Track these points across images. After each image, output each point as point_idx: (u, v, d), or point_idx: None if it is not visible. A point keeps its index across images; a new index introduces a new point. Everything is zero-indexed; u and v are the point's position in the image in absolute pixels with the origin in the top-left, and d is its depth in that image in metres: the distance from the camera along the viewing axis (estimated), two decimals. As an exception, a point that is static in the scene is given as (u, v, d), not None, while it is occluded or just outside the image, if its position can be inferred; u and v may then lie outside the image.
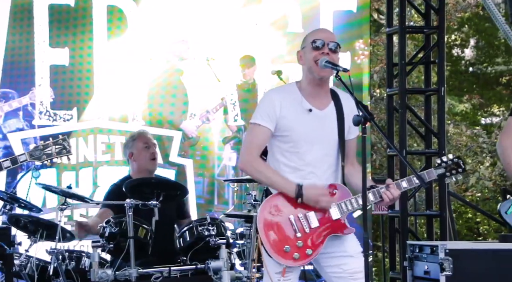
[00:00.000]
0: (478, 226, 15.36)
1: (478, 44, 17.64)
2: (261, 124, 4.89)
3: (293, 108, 4.88)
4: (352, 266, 4.87)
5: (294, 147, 4.88)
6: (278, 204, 4.84)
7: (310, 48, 4.90)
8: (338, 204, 4.86)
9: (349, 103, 4.94)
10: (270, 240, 4.79)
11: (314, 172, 4.88)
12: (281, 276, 4.79)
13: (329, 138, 4.91)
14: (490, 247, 7.35)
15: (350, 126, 4.94)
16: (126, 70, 8.76)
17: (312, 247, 4.81)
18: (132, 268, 6.30)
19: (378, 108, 13.44)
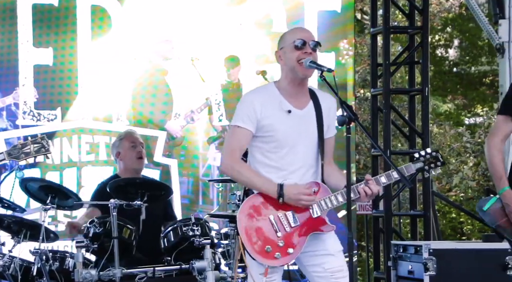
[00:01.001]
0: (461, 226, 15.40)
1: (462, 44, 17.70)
2: (241, 126, 4.88)
3: (274, 109, 4.88)
4: (333, 265, 4.88)
5: (276, 147, 4.88)
6: (258, 204, 4.84)
7: (291, 48, 4.89)
8: (318, 202, 4.86)
9: (327, 102, 4.97)
10: (251, 240, 4.79)
11: (295, 172, 4.88)
12: (264, 276, 4.79)
13: (309, 137, 4.91)
14: (473, 247, 7.39)
15: (328, 125, 4.96)
16: (110, 70, 8.74)
17: (294, 246, 4.82)
18: (116, 268, 6.29)
19: (361, 108, 13.46)
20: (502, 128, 5.06)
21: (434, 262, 7.04)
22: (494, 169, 5.03)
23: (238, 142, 4.90)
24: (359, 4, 14.22)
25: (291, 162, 4.88)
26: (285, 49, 4.92)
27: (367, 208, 9.05)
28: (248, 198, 4.88)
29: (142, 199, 6.44)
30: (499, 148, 5.03)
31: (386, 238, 8.49)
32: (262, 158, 4.91)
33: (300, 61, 4.85)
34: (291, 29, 5.21)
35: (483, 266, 7.03)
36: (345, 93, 9.08)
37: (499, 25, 8.27)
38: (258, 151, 4.92)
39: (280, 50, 4.96)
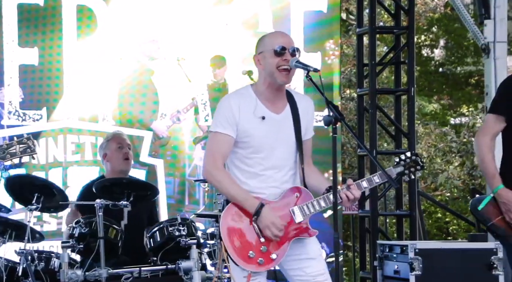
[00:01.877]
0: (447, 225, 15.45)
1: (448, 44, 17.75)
2: (222, 132, 4.85)
3: (249, 114, 4.86)
4: (314, 269, 4.88)
5: (254, 152, 4.86)
6: (240, 210, 4.83)
7: (270, 53, 4.85)
8: (300, 207, 4.85)
9: (304, 104, 4.95)
10: (234, 246, 4.78)
11: (274, 176, 4.87)
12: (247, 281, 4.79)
13: (287, 141, 4.90)
14: (459, 246, 7.42)
15: (306, 128, 4.95)
16: (96, 70, 8.72)
17: (277, 251, 4.81)
18: (102, 268, 6.28)
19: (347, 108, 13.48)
20: (492, 127, 5.05)
21: (420, 262, 7.07)
22: (486, 168, 5.02)
23: (220, 148, 4.86)
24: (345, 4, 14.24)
25: (269, 167, 4.86)
26: (264, 54, 4.89)
27: (353, 208, 9.07)
28: (231, 204, 4.86)
29: (128, 199, 6.44)
30: (489, 146, 5.02)
31: (372, 238, 8.50)
32: (239, 163, 4.89)
33: (280, 68, 4.83)
34: (270, 33, 5.14)
35: (468, 265, 7.06)
36: (331, 93, 9.08)
37: (484, 26, 8.30)
38: (236, 156, 4.89)
39: (259, 54, 4.91)
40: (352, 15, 14.97)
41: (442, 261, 7.12)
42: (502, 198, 4.96)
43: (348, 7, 14.95)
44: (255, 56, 4.95)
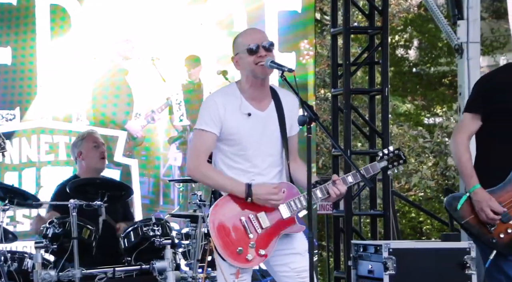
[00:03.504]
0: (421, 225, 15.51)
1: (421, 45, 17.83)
2: (206, 129, 4.86)
3: (235, 112, 4.87)
4: (299, 265, 4.89)
5: (240, 149, 4.88)
6: (229, 206, 4.84)
7: (245, 53, 4.86)
8: (287, 203, 4.87)
9: (289, 100, 4.97)
10: (223, 242, 4.79)
11: (261, 173, 4.88)
12: (236, 277, 4.79)
13: (272, 138, 4.91)
14: (432, 246, 7.45)
15: (291, 124, 4.96)
16: (69, 69, 8.68)
17: (265, 247, 4.82)
18: (76, 268, 6.26)
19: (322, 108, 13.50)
20: (469, 126, 5.05)
21: (394, 262, 7.09)
22: (463, 167, 5.03)
23: (203, 145, 4.88)
24: (319, 4, 14.27)
25: (256, 164, 4.88)
26: (240, 54, 4.90)
27: (328, 208, 9.09)
28: (219, 200, 4.87)
29: (102, 199, 6.42)
30: (466, 146, 5.02)
31: (347, 238, 8.52)
32: (227, 161, 4.90)
33: (259, 64, 4.83)
34: (242, 32, 5.09)
35: (442, 265, 7.09)
36: (306, 93, 9.10)
37: (457, 26, 8.34)
38: (223, 153, 4.91)
39: (236, 56, 4.93)
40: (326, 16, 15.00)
41: (416, 260, 7.15)
42: (477, 197, 4.96)
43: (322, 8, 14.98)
44: (233, 58, 4.96)
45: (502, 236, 4.94)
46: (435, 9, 8.67)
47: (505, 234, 4.93)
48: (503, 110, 4.96)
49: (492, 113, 4.98)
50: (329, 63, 11.49)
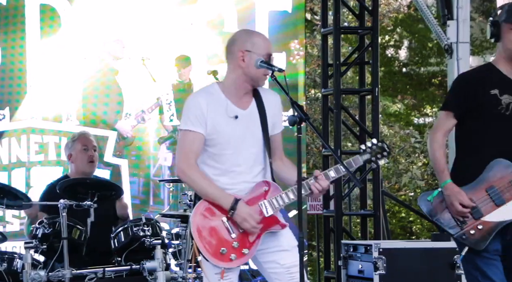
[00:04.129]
0: (411, 225, 15.53)
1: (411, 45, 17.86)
2: (192, 130, 4.85)
3: (218, 111, 4.85)
4: (287, 261, 4.89)
5: (222, 149, 4.87)
6: (211, 207, 4.83)
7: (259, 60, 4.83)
8: (269, 200, 4.87)
9: (270, 99, 4.97)
10: (206, 243, 4.78)
11: (243, 172, 4.88)
12: (221, 277, 4.79)
13: (254, 137, 4.91)
14: (422, 246, 7.47)
15: (274, 122, 4.96)
16: (59, 69, 8.67)
17: (248, 246, 4.82)
18: (66, 269, 6.25)
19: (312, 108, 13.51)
20: (444, 123, 5.11)
21: (384, 261, 7.10)
22: (436, 163, 5.07)
23: (191, 146, 4.86)
24: (309, 4, 14.28)
25: (238, 163, 4.87)
26: (253, 54, 4.85)
27: (318, 208, 9.09)
28: (201, 201, 4.86)
29: (92, 199, 6.41)
30: (440, 143, 5.07)
31: (337, 238, 8.53)
32: (209, 160, 4.89)
33: (266, 75, 4.85)
34: (260, 35, 5.07)
35: (432, 265, 7.10)
36: (296, 93, 9.11)
37: (447, 26, 8.35)
38: (205, 153, 4.89)
39: (246, 52, 4.87)
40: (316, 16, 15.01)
41: (405, 260, 7.16)
42: (447, 191, 5.00)
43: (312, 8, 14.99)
44: (239, 50, 4.87)
45: (473, 232, 4.97)
46: (425, 9, 8.68)
47: (476, 230, 4.96)
48: (476, 109, 5.01)
49: (466, 111, 5.03)
50: (319, 63, 11.49)
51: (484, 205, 4.98)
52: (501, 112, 4.98)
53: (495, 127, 5.00)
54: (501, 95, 4.99)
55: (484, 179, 4.99)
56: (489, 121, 5.00)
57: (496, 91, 4.99)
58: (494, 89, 4.99)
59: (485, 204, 4.98)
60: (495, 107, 4.98)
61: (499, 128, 4.99)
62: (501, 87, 5.00)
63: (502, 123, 4.99)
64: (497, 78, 5.03)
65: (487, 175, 4.99)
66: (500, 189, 4.98)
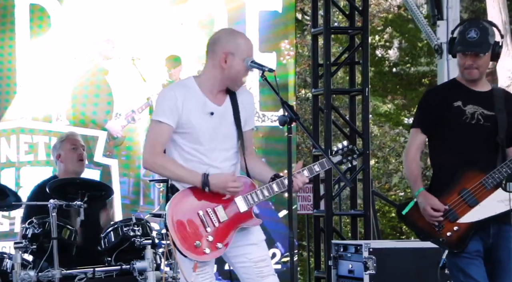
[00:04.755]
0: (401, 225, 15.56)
1: (401, 45, 17.90)
2: (163, 121, 4.87)
3: (194, 106, 4.88)
4: (256, 255, 4.93)
5: (195, 143, 4.90)
6: (186, 200, 4.86)
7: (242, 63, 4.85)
8: (244, 196, 4.90)
9: (244, 96, 5.01)
10: (181, 236, 4.81)
11: (217, 167, 4.90)
12: (193, 271, 4.81)
13: (228, 133, 4.95)
14: (412, 246, 7.47)
15: (246, 119, 5.00)
16: (49, 69, 8.65)
17: (222, 241, 4.85)
18: (56, 269, 6.24)
19: (302, 109, 13.53)
20: (414, 140, 5.31)
21: (374, 261, 7.11)
22: (410, 175, 5.32)
23: (160, 136, 4.89)
24: (300, 4, 14.29)
25: (211, 158, 4.91)
26: (235, 57, 4.87)
27: (308, 208, 9.10)
28: (177, 194, 4.89)
29: (82, 199, 6.40)
30: (412, 157, 5.28)
31: (327, 238, 8.54)
32: (183, 153, 4.92)
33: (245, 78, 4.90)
34: (241, 34, 5.08)
35: (421, 264, 7.11)
36: (286, 93, 9.11)
37: (437, 26, 8.37)
38: (179, 146, 4.92)
39: (230, 53, 4.88)
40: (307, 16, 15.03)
41: (395, 260, 7.17)
42: (420, 199, 5.19)
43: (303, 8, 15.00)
44: (223, 51, 4.88)
45: (449, 234, 5.14)
46: (415, 9, 8.70)
47: (453, 232, 5.14)
48: (442, 122, 5.20)
49: (432, 125, 5.23)
50: (309, 63, 11.50)
51: (459, 208, 5.15)
52: (466, 122, 5.17)
53: (463, 137, 5.18)
54: (465, 106, 5.18)
55: (455, 184, 5.17)
56: (456, 132, 5.18)
57: (460, 103, 5.18)
58: (457, 101, 5.19)
59: (460, 207, 5.15)
60: (460, 117, 5.16)
61: (466, 137, 5.17)
62: (464, 98, 5.19)
63: (469, 132, 5.17)
64: (460, 91, 5.22)
65: (458, 180, 5.17)
66: (471, 190, 5.15)
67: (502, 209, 5.12)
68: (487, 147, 5.17)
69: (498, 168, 5.11)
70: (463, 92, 5.21)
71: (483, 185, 5.13)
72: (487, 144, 5.17)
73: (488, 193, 5.13)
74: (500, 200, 5.13)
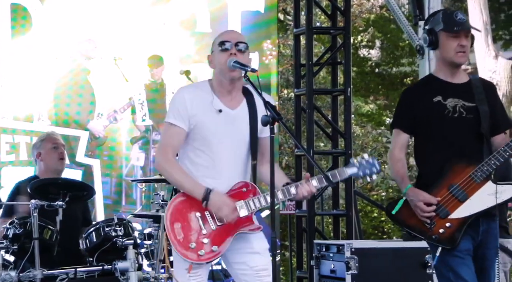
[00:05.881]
0: (383, 225, 15.61)
1: (383, 45, 17.94)
2: (174, 123, 4.88)
3: (204, 107, 4.88)
4: (257, 263, 4.90)
5: (204, 145, 4.89)
6: (185, 202, 4.85)
7: (218, 50, 4.90)
8: (246, 202, 4.88)
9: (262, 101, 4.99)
10: (177, 237, 4.80)
11: (224, 171, 4.89)
12: (188, 272, 4.80)
13: (239, 137, 4.92)
14: (394, 245, 7.50)
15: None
16: (31, 69, 8.62)
17: (218, 244, 4.83)
18: (37, 269, 6.22)
19: (285, 108, 13.53)
20: (397, 141, 5.28)
21: (356, 261, 7.12)
22: (396, 175, 5.26)
23: (170, 139, 4.89)
24: (282, 4, 14.30)
25: (220, 161, 4.88)
26: (214, 52, 4.94)
27: (291, 208, 9.10)
28: (176, 195, 4.89)
29: (63, 200, 6.38)
30: (397, 158, 5.24)
31: (309, 238, 8.54)
32: (191, 155, 4.91)
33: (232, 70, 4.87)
34: (222, 32, 5.14)
35: (403, 264, 7.14)
36: (269, 93, 9.08)
37: (419, 27, 8.39)
38: (188, 147, 4.92)
39: (211, 54, 4.97)
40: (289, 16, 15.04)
41: (378, 260, 7.19)
42: (410, 195, 5.13)
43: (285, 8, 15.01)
44: (208, 56, 4.99)
45: (442, 231, 5.07)
46: (397, 9, 8.73)
47: (445, 229, 5.07)
48: (423, 118, 5.16)
49: (413, 123, 5.20)
50: (292, 63, 11.51)
51: (449, 203, 5.09)
52: (449, 116, 5.13)
53: (447, 131, 5.13)
54: (445, 100, 5.15)
55: (443, 179, 5.11)
56: (440, 126, 5.14)
57: (440, 97, 5.15)
58: (437, 96, 5.16)
59: (450, 202, 5.09)
60: (442, 112, 5.13)
61: (450, 131, 5.13)
62: (443, 93, 5.16)
63: (452, 126, 5.13)
64: (438, 86, 5.19)
65: (446, 175, 5.11)
66: (460, 184, 5.09)
67: (493, 202, 5.07)
68: (472, 139, 5.13)
69: (487, 160, 5.07)
70: (442, 86, 5.18)
71: (472, 179, 5.07)
72: (472, 135, 5.13)
73: (478, 186, 5.08)
74: (491, 193, 5.08)
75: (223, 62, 4.86)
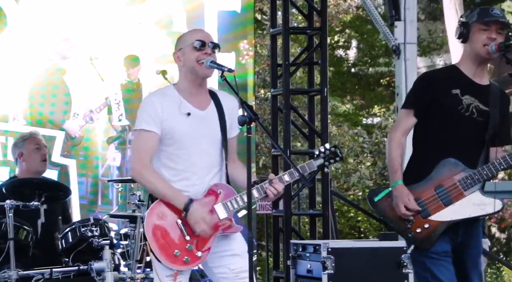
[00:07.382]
0: (359, 224, 15.64)
1: (360, 45, 17.99)
2: (146, 129, 4.85)
3: (173, 111, 4.86)
4: (238, 266, 4.89)
5: (178, 148, 4.87)
6: (165, 209, 4.82)
7: (190, 48, 4.90)
8: (223, 203, 4.87)
9: (229, 102, 5.00)
10: (159, 245, 4.77)
11: (199, 173, 4.88)
12: (173, 279, 4.78)
13: (211, 138, 4.92)
14: (370, 245, 7.52)
15: (231, 125, 4.98)
16: (6, 69, 8.58)
17: (202, 249, 4.82)
18: (12, 270, 6.18)
19: (261, 108, 13.54)
20: (403, 122, 5.12)
21: (333, 261, 7.14)
22: (391, 162, 5.09)
23: (145, 145, 4.85)
24: (259, 4, 14.30)
25: (194, 163, 4.87)
26: (184, 50, 4.93)
27: (267, 208, 9.11)
28: (156, 202, 4.84)
29: (39, 200, 6.35)
30: (398, 142, 5.08)
31: (286, 237, 8.55)
32: (165, 160, 4.89)
33: (200, 62, 4.86)
34: (189, 30, 5.21)
35: (379, 264, 7.16)
36: (246, 93, 9.12)
37: (395, 27, 8.41)
38: (162, 153, 4.89)
39: (179, 51, 4.95)
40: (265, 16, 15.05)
41: (354, 260, 7.20)
42: (396, 192, 5.02)
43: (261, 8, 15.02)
44: (174, 53, 4.98)
45: (419, 230, 5.00)
46: (373, 10, 8.74)
47: (423, 229, 4.99)
48: (436, 107, 5.03)
49: (425, 109, 5.05)
50: (268, 63, 11.52)
51: (432, 205, 5.01)
52: (461, 112, 5.01)
53: (453, 127, 5.02)
54: (462, 95, 5.02)
55: (433, 178, 5.02)
56: (447, 120, 5.02)
57: (458, 91, 5.02)
58: (456, 89, 5.02)
59: (433, 204, 5.01)
60: (456, 107, 5.01)
61: (457, 128, 5.02)
62: (462, 87, 5.02)
63: (460, 124, 5.02)
64: (459, 79, 5.05)
65: (436, 173, 5.02)
66: (448, 188, 5.00)
67: (476, 213, 4.98)
68: (475, 143, 5.02)
69: (479, 170, 4.97)
70: (463, 80, 5.04)
71: (461, 185, 4.97)
72: (476, 140, 5.02)
73: (464, 194, 4.98)
74: (476, 203, 4.98)
75: (194, 60, 4.86)
